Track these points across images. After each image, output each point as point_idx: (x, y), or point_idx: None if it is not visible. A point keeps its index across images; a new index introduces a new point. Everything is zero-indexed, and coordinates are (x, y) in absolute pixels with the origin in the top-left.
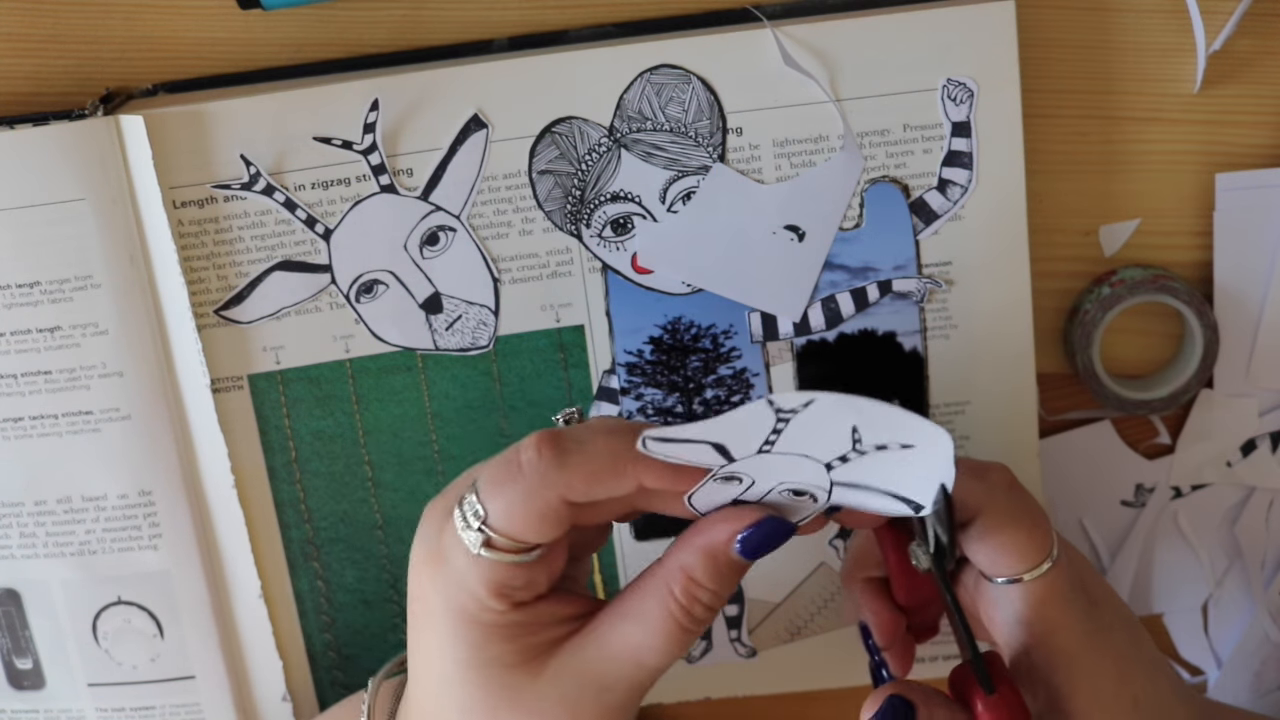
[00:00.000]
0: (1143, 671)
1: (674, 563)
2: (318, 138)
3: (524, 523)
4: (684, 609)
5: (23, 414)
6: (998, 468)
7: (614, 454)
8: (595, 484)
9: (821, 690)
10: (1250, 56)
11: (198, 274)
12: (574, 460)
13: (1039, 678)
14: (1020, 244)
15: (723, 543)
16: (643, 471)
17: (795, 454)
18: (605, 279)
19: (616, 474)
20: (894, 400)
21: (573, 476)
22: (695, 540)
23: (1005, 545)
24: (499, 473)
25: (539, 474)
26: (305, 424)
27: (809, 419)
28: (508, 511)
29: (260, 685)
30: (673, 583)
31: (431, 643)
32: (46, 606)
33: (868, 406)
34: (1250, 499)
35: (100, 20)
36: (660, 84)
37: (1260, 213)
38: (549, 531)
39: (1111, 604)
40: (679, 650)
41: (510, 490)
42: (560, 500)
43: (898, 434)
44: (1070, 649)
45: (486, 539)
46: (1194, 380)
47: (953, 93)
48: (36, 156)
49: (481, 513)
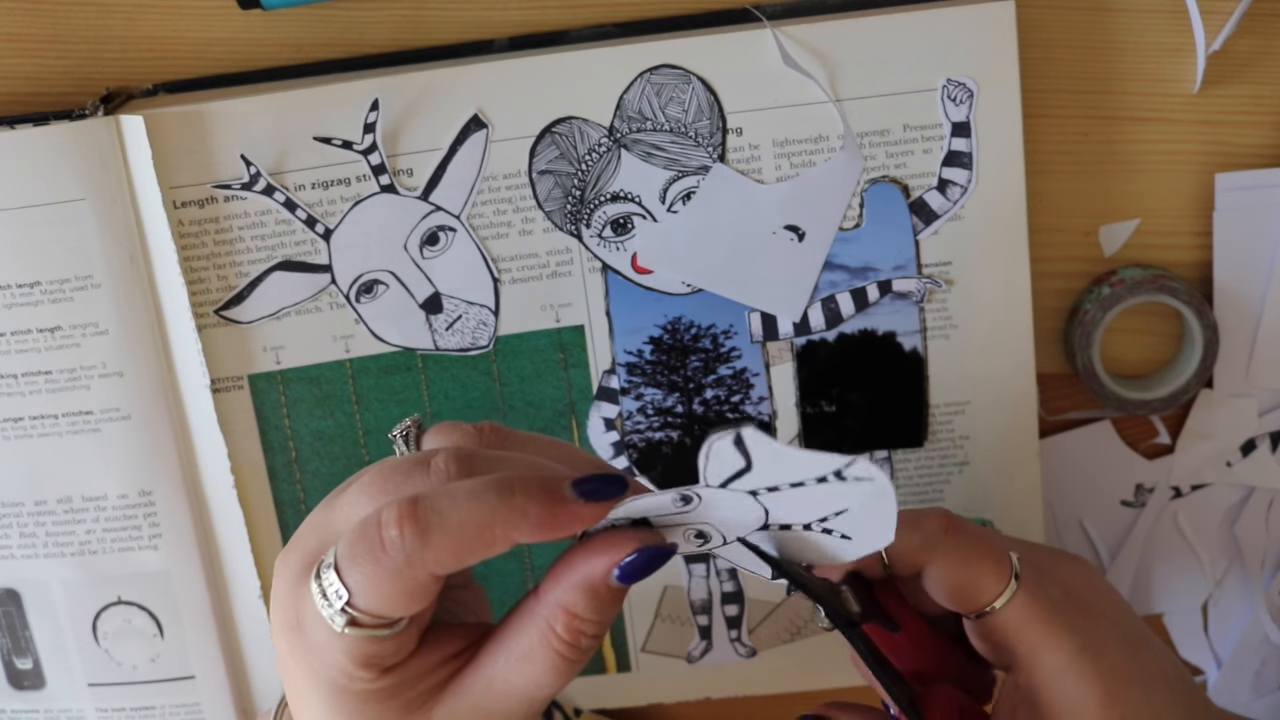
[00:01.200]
0: (1135, 691)
1: (553, 600)
2: (318, 138)
3: (390, 601)
4: (569, 645)
5: (23, 414)
6: (932, 514)
7: (479, 523)
8: (463, 555)
9: (821, 690)
10: (1250, 56)
11: (198, 274)
12: (437, 537)
13: (1023, 703)
14: (1020, 244)
15: (601, 575)
16: (513, 532)
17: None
18: (605, 279)
19: (484, 543)
20: (887, 456)
21: (440, 552)
22: (572, 576)
23: (958, 587)
24: (360, 550)
25: (403, 554)
26: (305, 424)
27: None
28: (372, 591)
29: (260, 685)
30: (555, 621)
31: (305, 710)
32: (47, 606)
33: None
34: (1250, 499)
35: (101, 20)
36: (660, 84)
37: (1260, 213)
38: (417, 605)
39: (1110, 614)
40: (569, 679)
41: (374, 570)
42: (428, 576)
43: (847, 525)
44: (1054, 672)
45: (351, 619)
46: (1194, 380)
47: (953, 93)
48: (37, 156)
49: (344, 594)
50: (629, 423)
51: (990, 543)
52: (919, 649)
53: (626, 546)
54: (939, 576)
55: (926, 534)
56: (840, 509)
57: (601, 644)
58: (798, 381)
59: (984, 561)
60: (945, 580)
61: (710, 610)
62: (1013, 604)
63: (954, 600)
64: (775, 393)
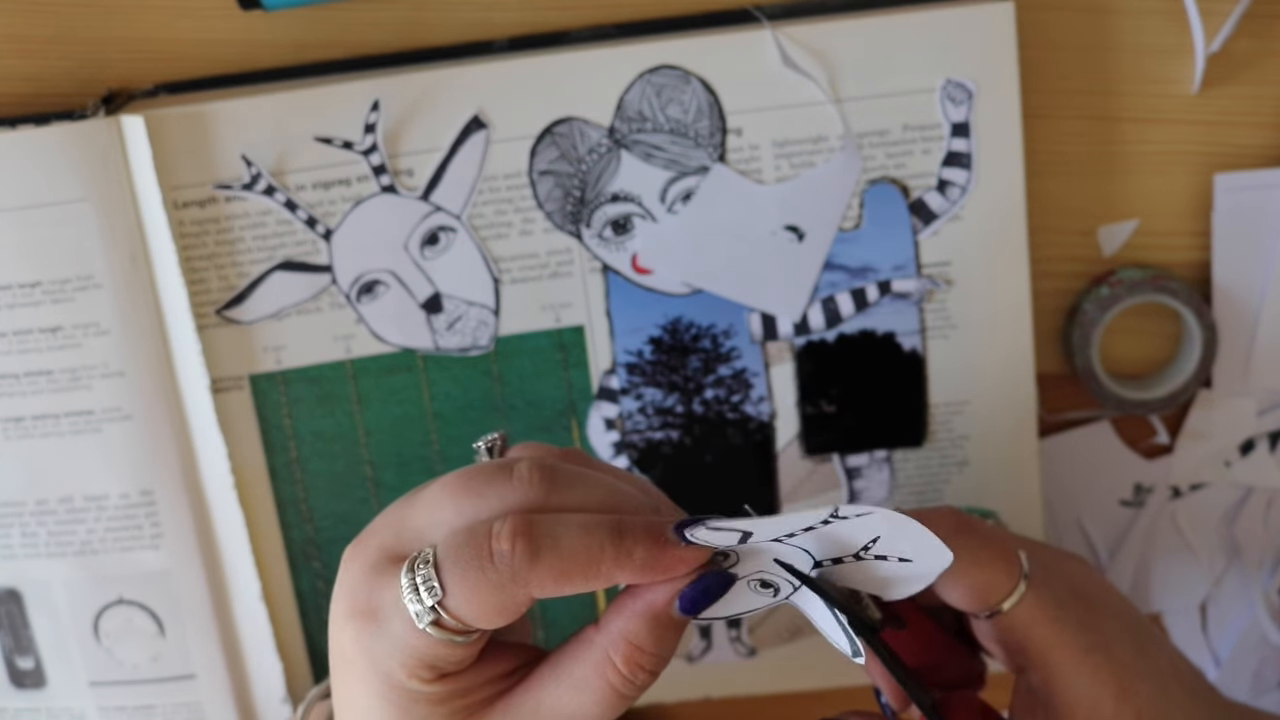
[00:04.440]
0: (1149, 682)
1: (615, 629)
2: (319, 138)
3: (484, 613)
4: (625, 678)
5: (24, 414)
6: (942, 512)
7: (590, 557)
8: (566, 583)
9: (821, 690)
10: (1249, 57)
11: (199, 274)
12: (547, 559)
13: (1038, 702)
14: (1019, 244)
15: (664, 604)
16: (619, 570)
17: (799, 548)
18: (605, 279)
19: (590, 576)
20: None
21: (545, 575)
22: (635, 605)
23: (968, 586)
24: (465, 556)
25: (511, 570)
26: (306, 424)
27: (848, 525)
28: (470, 599)
29: (261, 685)
30: (614, 652)
31: (357, 702)
32: (48, 606)
33: (911, 529)
34: (1249, 499)
35: (102, 21)
36: (660, 84)
37: (1259, 213)
38: (504, 621)
39: (1115, 611)
40: (616, 715)
41: (478, 579)
42: (528, 598)
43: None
44: (1066, 670)
45: (437, 619)
46: (1192, 380)
47: (952, 93)
48: (38, 157)
49: (438, 594)
50: (629, 423)
51: (1000, 543)
52: (925, 645)
53: (687, 576)
54: (953, 579)
55: (939, 535)
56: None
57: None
58: (798, 381)
59: (995, 562)
60: (959, 582)
61: None
62: (1023, 603)
63: (967, 601)
64: (775, 393)
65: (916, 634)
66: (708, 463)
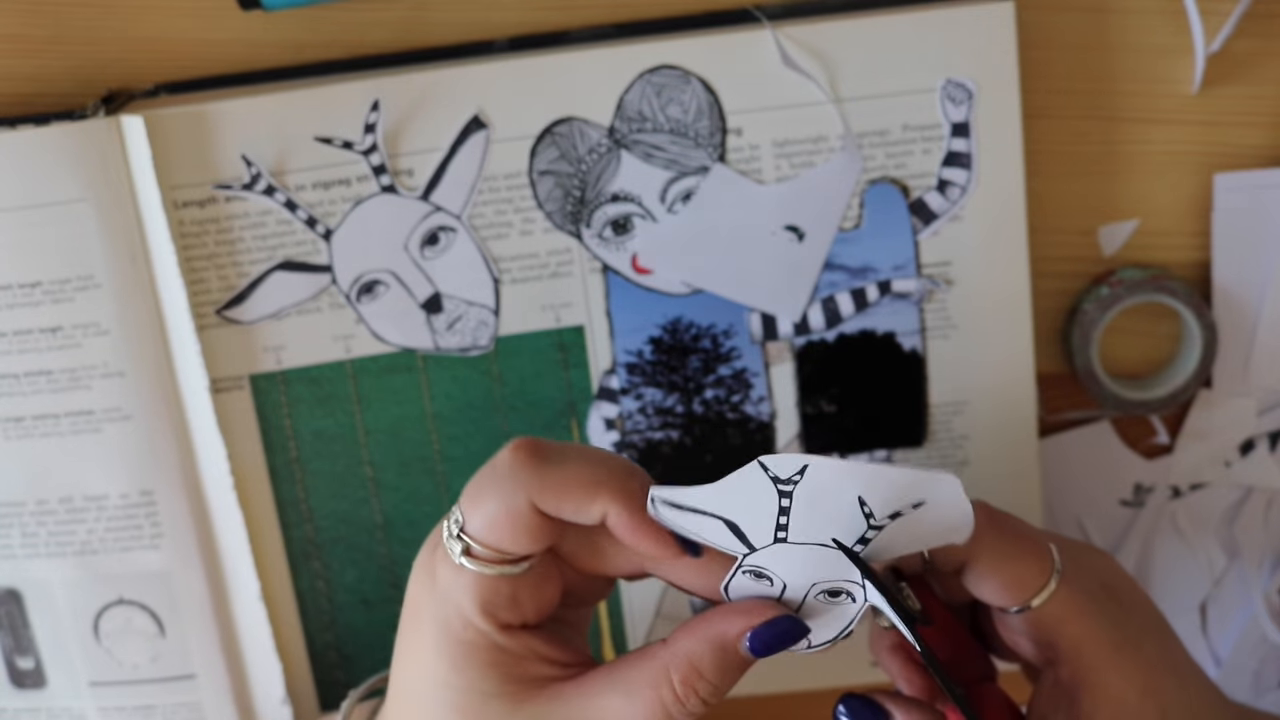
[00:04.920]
0: (1172, 680)
1: (681, 649)
2: (319, 138)
3: (498, 528)
4: (678, 699)
5: (24, 414)
6: (975, 507)
7: (588, 479)
8: (563, 499)
9: (821, 690)
10: (1249, 57)
11: (199, 274)
12: (547, 470)
13: (1064, 696)
14: (1019, 244)
15: (734, 636)
16: (618, 498)
17: (814, 543)
18: (605, 279)
19: (586, 497)
20: (886, 456)
21: (543, 484)
22: (706, 630)
23: (1002, 582)
24: (478, 479)
25: (511, 474)
26: (306, 424)
27: (810, 490)
28: (483, 516)
29: (260, 685)
30: (674, 669)
31: (415, 655)
32: (48, 606)
33: (864, 471)
34: (1249, 499)
35: (101, 21)
36: (660, 84)
37: (1259, 213)
38: (524, 540)
39: (1140, 608)
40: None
41: (484, 494)
42: (529, 506)
43: (905, 494)
44: (1095, 665)
45: (466, 547)
46: (1192, 380)
47: (952, 93)
48: (38, 157)
49: (460, 520)
50: (629, 423)
51: (1031, 537)
52: (950, 641)
53: (765, 614)
54: (985, 573)
55: None
56: (918, 500)
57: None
58: (798, 381)
59: (1028, 557)
60: (992, 576)
61: None
62: (1054, 598)
63: (999, 596)
64: (775, 393)
65: (942, 629)
66: (708, 463)
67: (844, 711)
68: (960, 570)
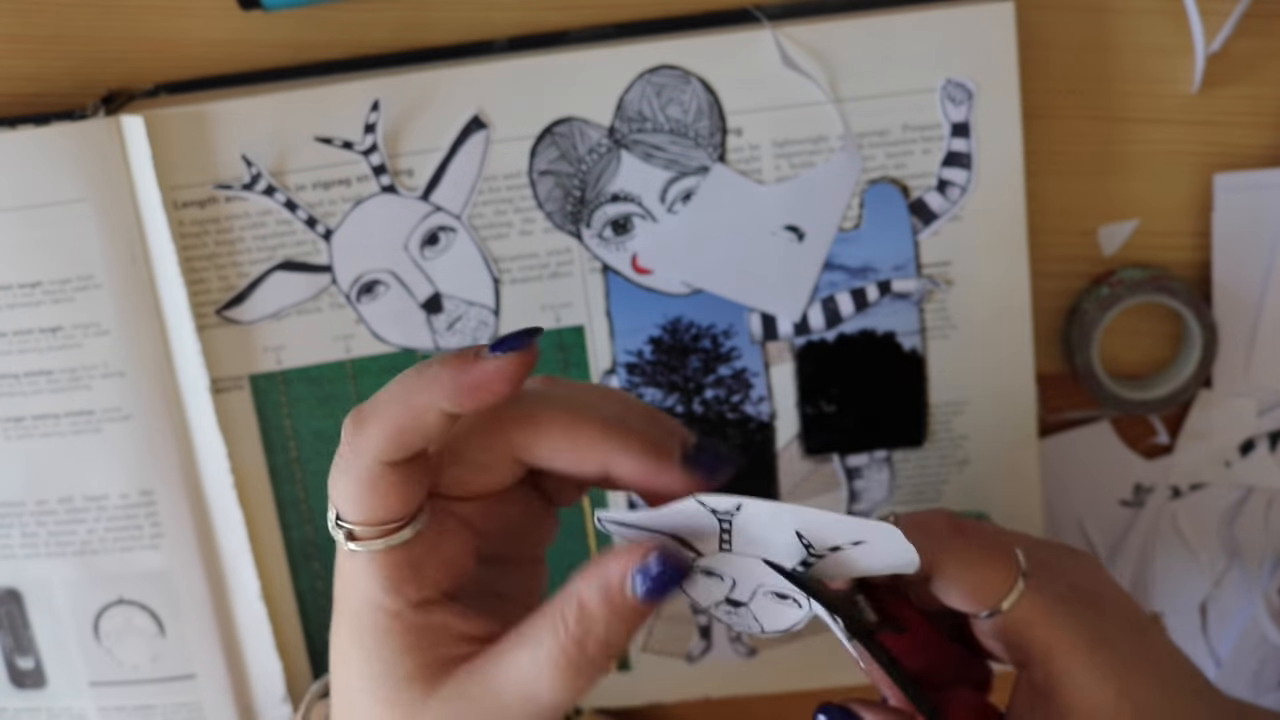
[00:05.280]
0: (1149, 680)
1: (571, 589)
2: (319, 138)
3: (357, 499)
4: (575, 641)
5: (24, 414)
6: (936, 516)
7: (403, 400)
8: (397, 435)
9: (821, 690)
10: (1249, 57)
11: (199, 274)
12: (371, 423)
13: (1038, 698)
14: (1019, 244)
15: (617, 576)
16: (432, 397)
17: (753, 556)
18: (605, 279)
19: (413, 415)
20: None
21: (375, 436)
22: (594, 570)
23: (967, 588)
24: (332, 469)
25: (350, 448)
26: (306, 424)
27: (748, 522)
28: (343, 494)
29: (261, 685)
30: (567, 611)
31: (337, 653)
32: (48, 606)
33: (802, 513)
34: (1249, 499)
35: (101, 21)
36: (660, 84)
37: (1258, 213)
38: (389, 502)
39: (1117, 607)
40: (571, 688)
41: (337, 475)
42: (376, 464)
43: (844, 535)
44: (1067, 668)
45: (348, 532)
46: (1192, 380)
47: (952, 93)
48: (38, 157)
49: (335, 511)
50: None
51: (997, 542)
52: (925, 648)
53: (646, 551)
54: (950, 580)
55: (934, 537)
56: (858, 540)
57: (614, 663)
58: (798, 381)
59: (991, 562)
60: (956, 583)
61: None
62: (1022, 602)
63: (965, 602)
64: (775, 393)
65: (917, 638)
66: None
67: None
68: (927, 578)
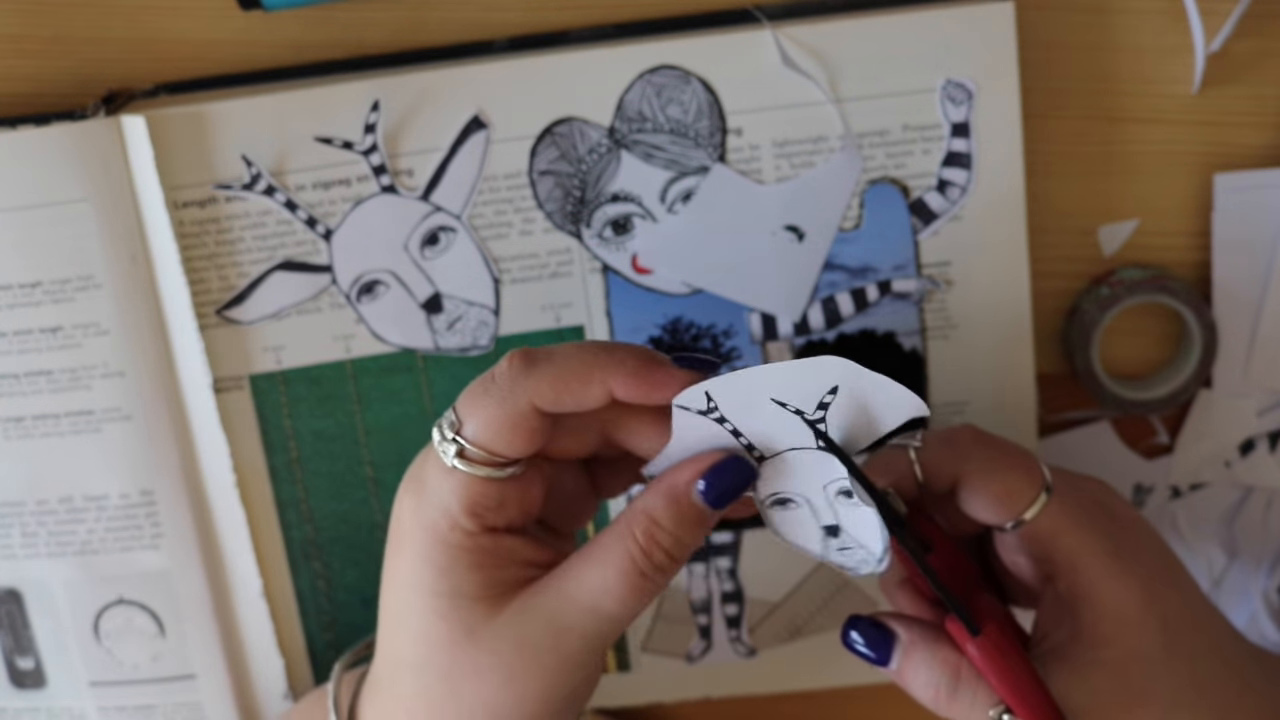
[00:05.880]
0: (1172, 590)
1: (638, 504)
2: (319, 138)
3: (496, 430)
4: (644, 552)
5: (25, 414)
6: (963, 429)
7: (582, 362)
8: (563, 390)
9: (821, 690)
10: (1249, 57)
11: (199, 274)
12: (542, 367)
13: (1065, 609)
14: (1019, 244)
15: (684, 483)
16: (610, 379)
17: (795, 448)
18: (605, 279)
19: (583, 380)
20: None
21: (540, 382)
22: (659, 483)
23: (992, 497)
24: (474, 386)
25: (509, 381)
26: (306, 424)
27: (734, 408)
28: (481, 419)
29: (261, 684)
30: (635, 525)
31: (400, 570)
32: (48, 606)
33: (751, 375)
34: (1248, 499)
35: (102, 21)
36: (660, 84)
37: (1259, 213)
38: (519, 442)
39: (1136, 525)
40: (637, 600)
41: (484, 399)
42: (530, 407)
43: (808, 384)
44: (1093, 577)
45: (461, 449)
46: (1192, 380)
47: (952, 93)
48: (38, 157)
49: (456, 423)
50: None
51: (1020, 452)
52: (950, 569)
53: (712, 458)
54: (975, 487)
55: (959, 446)
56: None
57: (675, 574)
58: None
59: (1016, 469)
60: (981, 490)
61: (710, 610)
62: (1047, 511)
63: (991, 510)
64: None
65: (942, 558)
66: None
67: (856, 637)
68: (954, 491)
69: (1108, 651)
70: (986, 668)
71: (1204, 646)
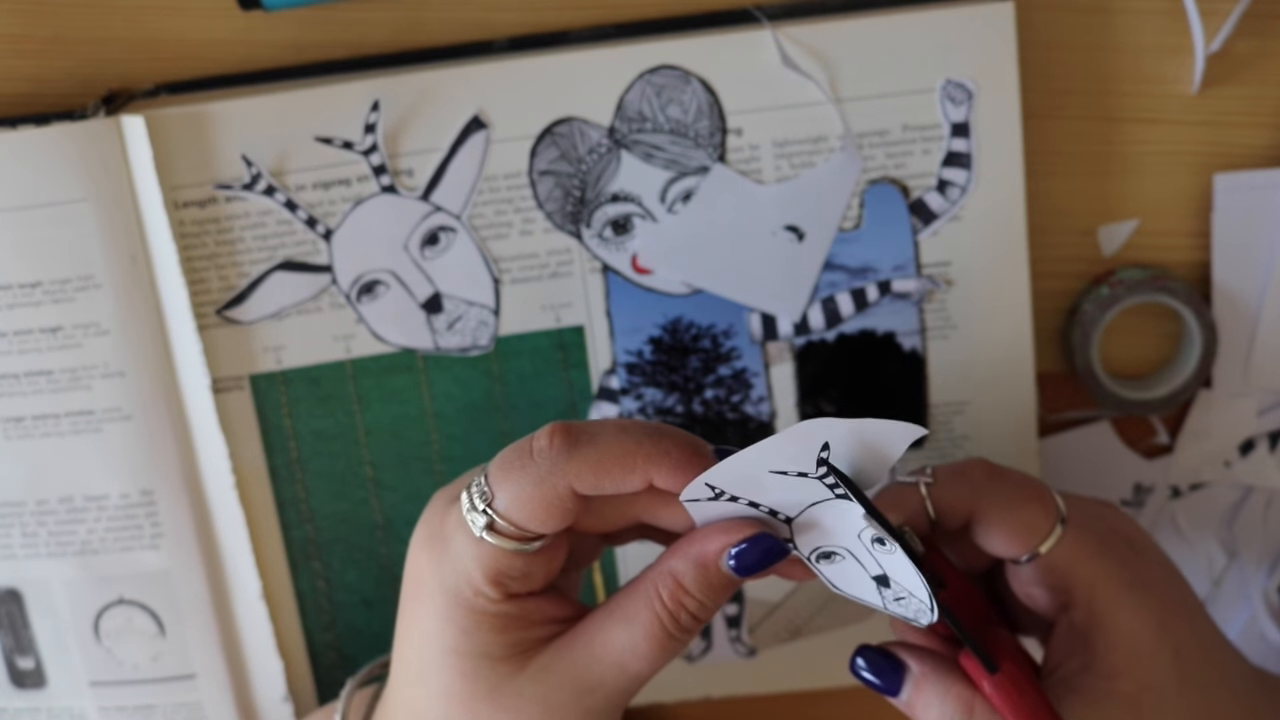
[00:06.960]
0: (1185, 621)
1: (665, 566)
2: (319, 138)
3: (530, 510)
4: (670, 614)
5: (25, 414)
6: (974, 463)
7: (625, 449)
8: (604, 476)
9: (821, 690)
10: (1249, 57)
11: (199, 274)
12: (585, 451)
13: (1079, 639)
14: (1019, 244)
15: (714, 553)
16: (653, 469)
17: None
18: (605, 279)
19: (626, 469)
20: None
21: (582, 466)
22: (688, 548)
23: (1009, 531)
24: (510, 458)
25: (549, 461)
26: (306, 424)
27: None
28: (515, 496)
29: (261, 685)
30: (661, 587)
31: (421, 625)
32: (48, 606)
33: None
34: (1248, 498)
35: (102, 21)
36: (660, 84)
37: (1258, 213)
38: (553, 522)
39: (1151, 552)
40: (663, 658)
41: (520, 476)
42: (568, 490)
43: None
44: (1108, 606)
45: (490, 522)
46: (1192, 380)
47: (952, 93)
48: (38, 157)
49: (488, 495)
50: None
51: (1034, 485)
52: (964, 604)
53: (743, 531)
54: (991, 524)
55: (972, 482)
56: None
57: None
58: (797, 381)
59: (1031, 503)
60: (998, 525)
61: None
62: (1063, 541)
63: (1006, 544)
64: (775, 393)
65: (954, 593)
66: None
67: (862, 665)
68: (968, 526)
69: (1121, 683)
70: (1004, 705)
71: (1215, 677)
